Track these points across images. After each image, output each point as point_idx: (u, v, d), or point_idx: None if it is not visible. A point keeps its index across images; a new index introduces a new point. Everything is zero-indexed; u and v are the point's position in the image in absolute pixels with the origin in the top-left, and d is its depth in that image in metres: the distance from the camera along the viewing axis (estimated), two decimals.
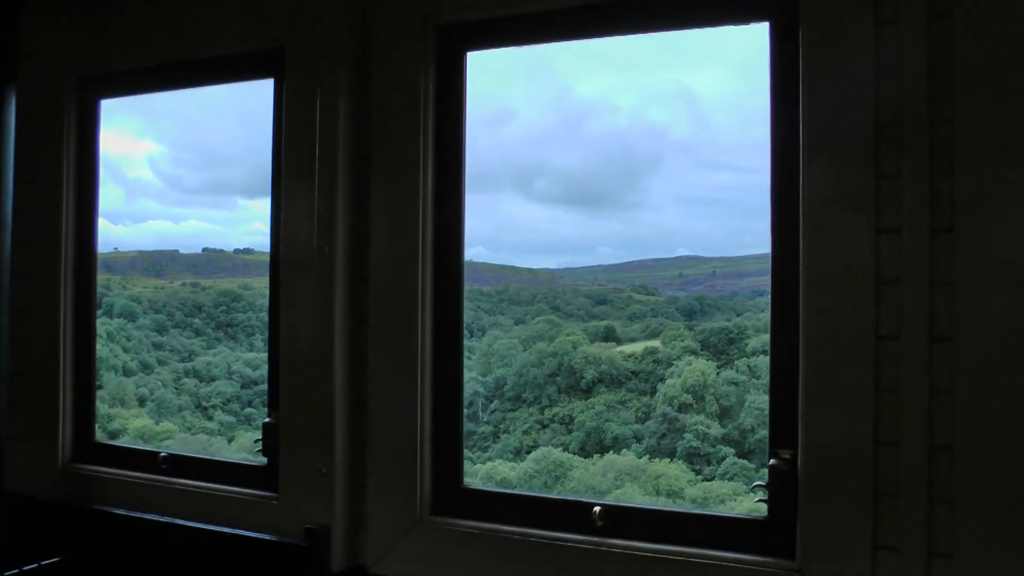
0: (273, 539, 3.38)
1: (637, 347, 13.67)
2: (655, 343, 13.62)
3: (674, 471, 12.39)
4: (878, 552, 2.63)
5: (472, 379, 14.04)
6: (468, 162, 3.31)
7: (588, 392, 13.59)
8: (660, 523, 2.98)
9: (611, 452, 12.97)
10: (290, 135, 3.43)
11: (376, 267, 3.30)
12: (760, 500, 2.82)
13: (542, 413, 13.82)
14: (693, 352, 13.17)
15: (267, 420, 3.56)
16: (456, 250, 3.29)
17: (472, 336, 13.88)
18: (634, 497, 11.50)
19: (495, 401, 14.08)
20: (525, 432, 13.83)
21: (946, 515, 2.58)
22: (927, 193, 2.59)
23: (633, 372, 13.52)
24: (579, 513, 3.07)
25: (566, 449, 13.25)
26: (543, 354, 13.79)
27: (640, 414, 13.43)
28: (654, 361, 13.48)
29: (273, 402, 3.56)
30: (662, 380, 13.30)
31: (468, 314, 3.38)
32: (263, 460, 3.57)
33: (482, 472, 12.95)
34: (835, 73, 2.70)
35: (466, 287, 3.33)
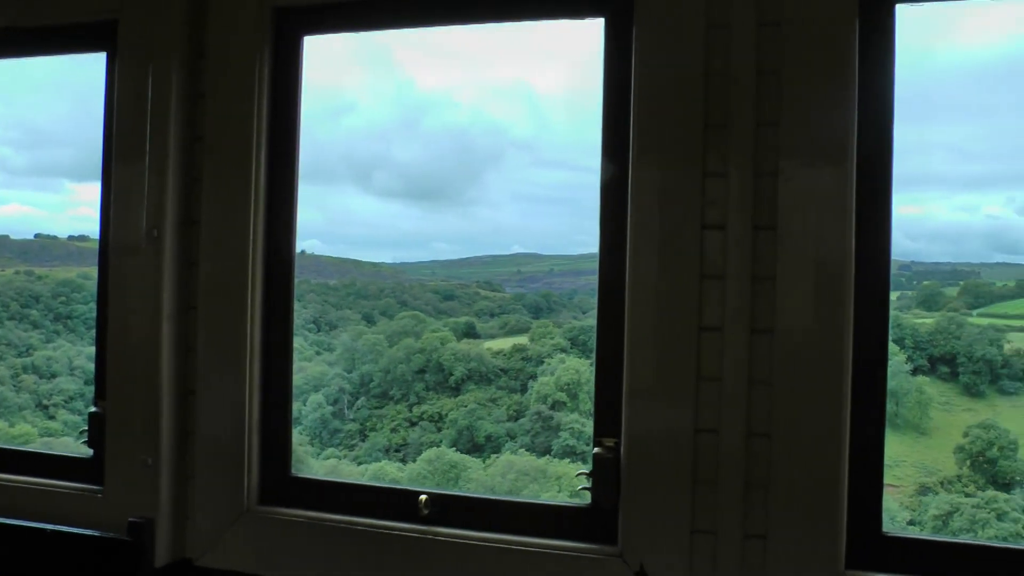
0: (94, 534, 3.40)
1: (505, 344, 13.89)
2: (523, 340, 13.86)
3: (574, 471, 12.62)
4: (696, 536, 2.86)
5: (337, 375, 14.02)
6: (306, 152, 3.40)
7: (457, 390, 13.73)
8: (485, 511, 3.15)
9: (508, 453, 13.15)
10: (121, 114, 3.46)
11: (206, 252, 3.37)
12: (584, 488, 3.00)
13: (411, 411, 13.91)
14: (563, 350, 13.45)
15: (93, 410, 3.57)
16: (288, 239, 3.40)
17: (320, 331, 13.89)
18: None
19: (361, 398, 14.10)
20: (393, 430, 13.89)
21: (761, 499, 2.82)
22: (751, 192, 2.82)
23: (503, 370, 13.73)
24: (406, 501, 3.21)
25: (458, 449, 13.37)
26: (411, 350, 13.88)
27: (512, 412, 13.64)
28: (523, 359, 13.71)
29: (100, 391, 3.57)
30: (533, 378, 13.53)
31: (315, 308, 3.48)
32: (89, 452, 3.58)
33: (369, 472, 12.97)
34: (666, 73, 2.90)
35: (313, 281, 3.42)
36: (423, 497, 3.18)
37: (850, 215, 2.78)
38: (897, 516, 12.33)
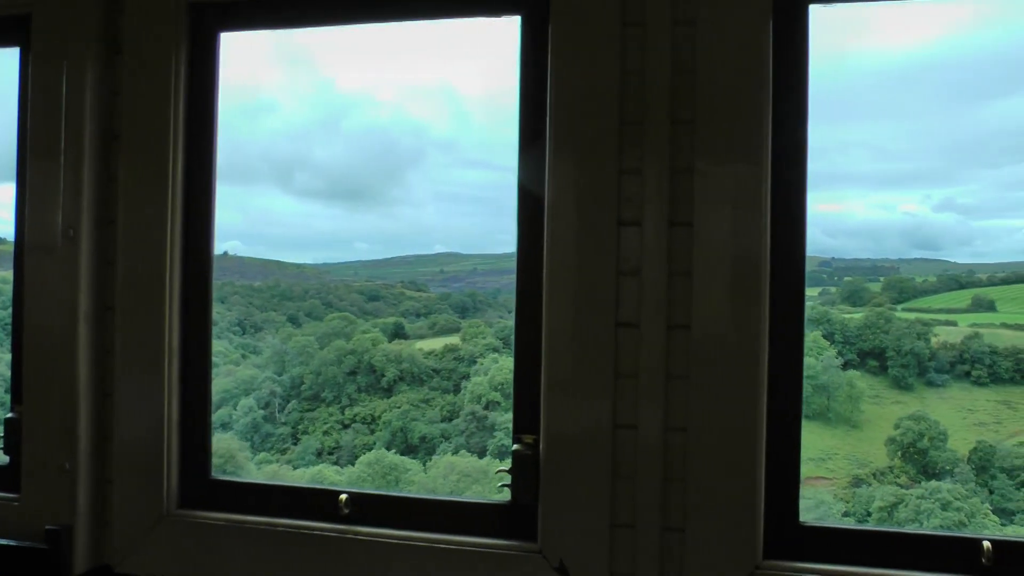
0: (11, 543, 3.36)
1: (436, 344, 13.92)
2: (454, 340, 13.91)
3: None
4: (615, 530, 2.92)
5: (267, 378, 13.94)
6: (226, 152, 3.40)
7: (389, 391, 13.74)
8: (406, 510, 3.18)
9: (449, 454, 13.15)
10: (35, 111, 3.41)
11: (123, 252, 3.34)
12: (504, 485, 3.04)
13: (343, 413, 13.88)
14: (496, 349, 13.52)
15: (9, 415, 3.52)
16: (206, 239, 3.38)
17: (245, 333, 13.79)
18: None
19: (293, 401, 14.04)
20: (326, 433, 13.86)
21: (679, 493, 2.88)
22: (667, 189, 2.88)
23: (435, 370, 13.76)
24: (326, 501, 3.23)
25: (394, 451, 13.34)
26: (342, 352, 13.86)
27: (446, 413, 13.67)
28: (455, 359, 13.77)
29: (16, 396, 3.52)
30: (466, 378, 13.58)
31: (240, 310, 3.48)
32: (5, 459, 3.53)
33: (307, 477, 12.90)
34: (582, 71, 2.95)
35: (237, 283, 3.42)
36: (343, 496, 3.19)
37: (765, 211, 2.85)
38: (832, 508, 12.57)
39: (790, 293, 2.93)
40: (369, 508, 3.20)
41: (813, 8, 2.95)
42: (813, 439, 13.52)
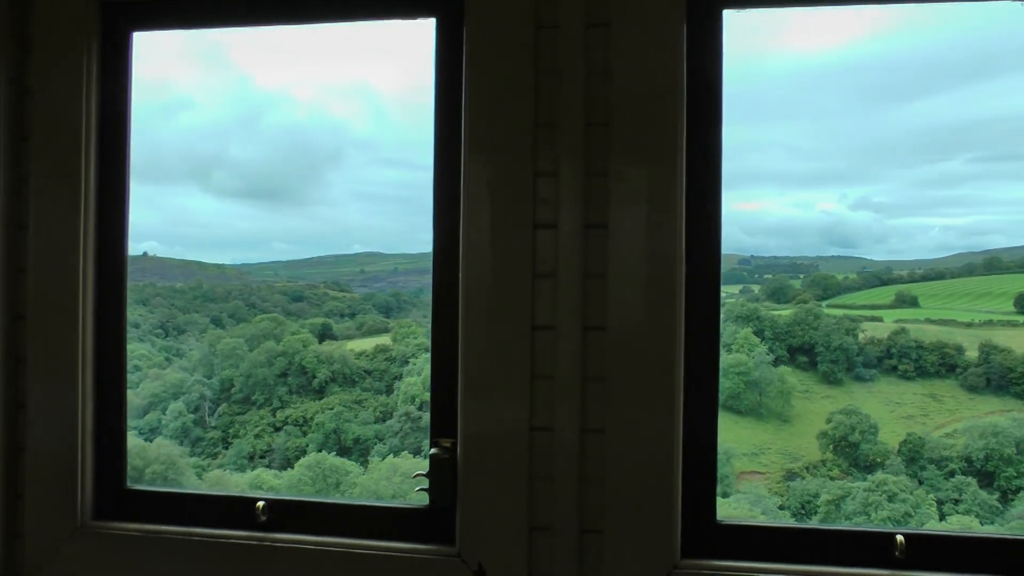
0: None
1: (367, 345, 13.85)
2: (385, 340, 13.84)
3: None
4: (534, 533, 2.94)
5: (197, 382, 13.76)
6: (142, 151, 3.36)
7: (321, 392, 13.63)
8: (325, 515, 3.17)
9: (392, 456, 13.07)
10: None
11: (35, 258, 3.28)
12: (421, 489, 3.04)
13: (274, 415, 13.73)
14: (427, 349, 13.47)
15: None
16: (120, 241, 3.33)
17: (168, 336, 13.61)
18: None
19: (223, 404, 13.87)
20: (257, 436, 13.69)
21: (597, 494, 2.91)
22: (582, 191, 2.90)
23: (367, 371, 13.68)
24: (244, 509, 3.20)
25: (329, 453, 13.22)
26: (272, 353, 13.70)
27: (379, 414, 13.60)
28: (387, 359, 13.69)
29: None
30: (399, 378, 13.52)
31: (162, 312, 3.44)
32: None
33: (244, 481, 12.73)
34: (497, 72, 2.96)
35: (159, 284, 3.37)
36: (260, 504, 3.17)
37: (680, 212, 2.89)
38: (767, 502, 12.72)
39: (706, 293, 2.97)
40: (287, 514, 3.18)
41: (727, 12, 3.00)
42: (746, 434, 13.68)
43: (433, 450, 3.03)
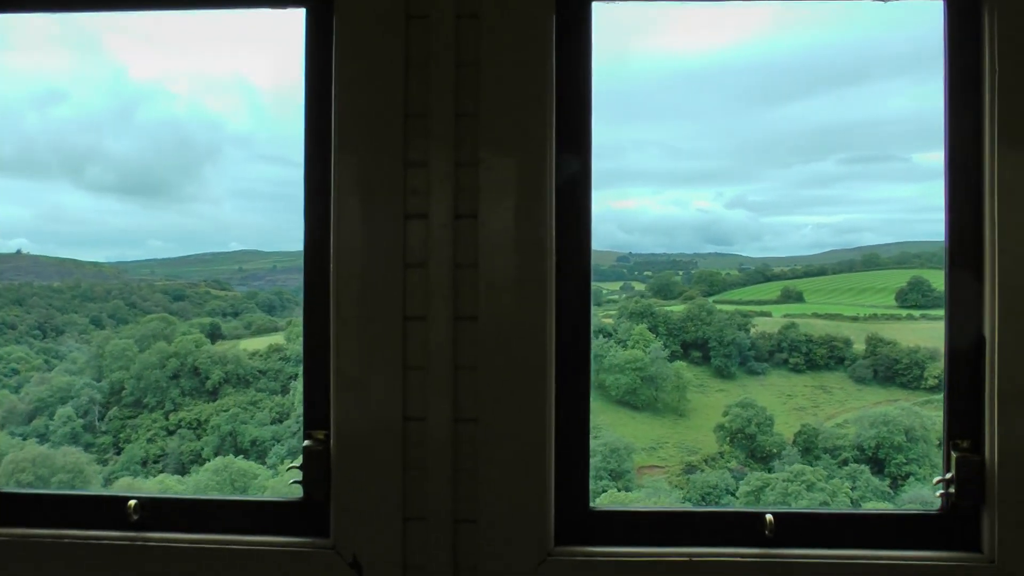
0: None
1: (260, 344, 13.70)
2: (279, 339, 13.72)
3: None
4: (408, 523, 2.94)
5: (86, 385, 13.43)
6: (13, 144, 3.32)
7: (214, 394, 13.43)
8: (199, 513, 3.12)
9: (288, 459, 12.91)
10: None
11: None
12: (295, 481, 3.02)
13: (167, 419, 13.49)
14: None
15: None
16: None
17: (46, 337, 13.26)
18: None
19: (113, 408, 13.56)
20: (150, 440, 13.43)
21: (471, 483, 2.92)
22: (452, 181, 2.92)
23: (261, 371, 13.52)
24: (114, 508, 3.13)
25: (227, 456, 13.01)
26: (164, 355, 13.45)
27: (276, 415, 13.46)
28: (282, 359, 13.57)
29: None
30: (294, 378, 13.41)
31: (39, 312, 3.36)
32: None
33: (147, 488, 12.45)
34: (366, 63, 2.96)
35: (36, 283, 3.29)
36: (132, 502, 3.10)
37: (550, 203, 2.93)
38: (670, 495, 12.93)
39: (576, 284, 3.02)
40: (160, 513, 3.12)
41: (597, 6, 3.04)
42: (643, 429, 13.89)
43: (306, 442, 3.01)
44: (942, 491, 3.00)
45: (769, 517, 2.97)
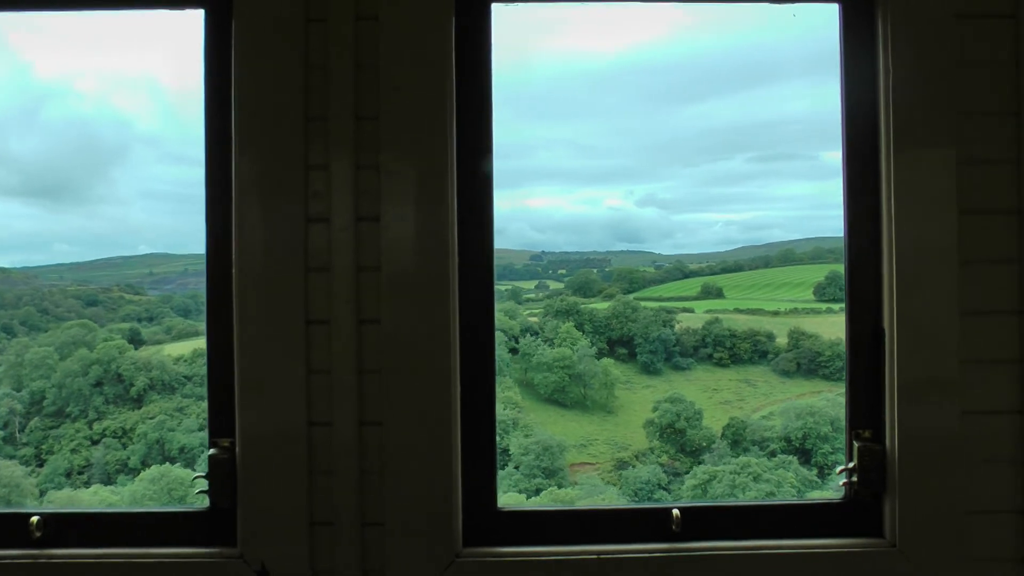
0: None
1: (184, 349, 13.49)
2: (203, 344, 13.53)
3: None
4: (315, 528, 2.91)
5: (4, 395, 13.11)
6: None
7: (139, 401, 13.19)
8: (104, 526, 3.03)
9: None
10: None
11: None
12: (201, 491, 2.97)
13: (91, 428, 13.21)
14: None
15: None
16: None
17: None
18: None
19: (34, 419, 13.25)
20: (74, 451, 13.15)
21: (377, 487, 2.91)
22: (353, 184, 2.89)
23: (186, 376, 13.31)
24: (16, 525, 3.02)
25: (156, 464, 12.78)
26: (86, 362, 13.16)
27: (204, 421, 13.25)
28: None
29: None
30: None
31: None
32: None
33: (88, 499, 12.16)
34: (266, 66, 2.92)
35: None
36: (35, 519, 3.01)
37: (451, 205, 2.92)
38: (604, 492, 12.99)
39: (479, 285, 3.02)
40: (64, 529, 3.02)
41: (496, 7, 3.04)
42: (573, 427, 13.95)
43: (212, 450, 2.96)
44: (845, 480, 3.06)
45: (676, 512, 2.99)
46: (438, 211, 2.90)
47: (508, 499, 11.40)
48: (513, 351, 13.91)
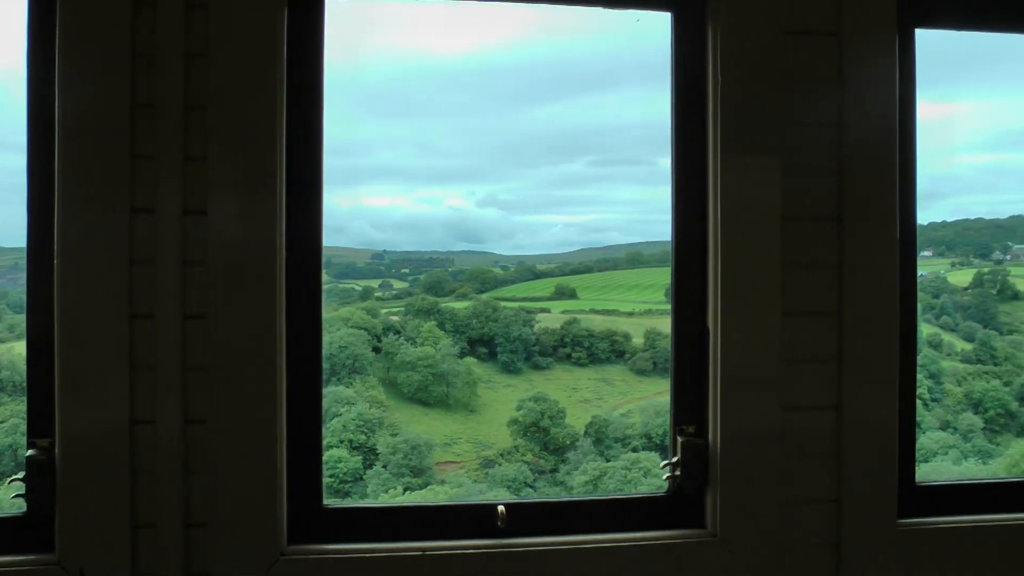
0: None
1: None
2: None
3: None
4: (137, 531, 2.79)
5: None
6: None
7: None
8: None
9: None
10: None
11: None
12: (17, 495, 2.81)
13: None
14: None
15: None
16: None
17: None
18: None
19: None
20: None
21: (201, 486, 2.82)
22: (180, 176, 2.79)
23: None
24: None
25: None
26: None
27: None
28: None
29: None
30: None
31: None
32: None
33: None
34: (92, 50, 2.77)
35: None
36: None
37: (280, 199, 2.86)
38: (472, 489, 12.97)
39: (307, 282, 2.97)
40: None
41: (330, 3, 2.98)
42: (436, 425, 13.88)
43: (30, 452, 2.80)
44: (669, 474, 3.10)
45: (501, 508, 2.98)
46: (266, 205, 2.82)
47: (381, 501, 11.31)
48: (376, 350, 13.75)
